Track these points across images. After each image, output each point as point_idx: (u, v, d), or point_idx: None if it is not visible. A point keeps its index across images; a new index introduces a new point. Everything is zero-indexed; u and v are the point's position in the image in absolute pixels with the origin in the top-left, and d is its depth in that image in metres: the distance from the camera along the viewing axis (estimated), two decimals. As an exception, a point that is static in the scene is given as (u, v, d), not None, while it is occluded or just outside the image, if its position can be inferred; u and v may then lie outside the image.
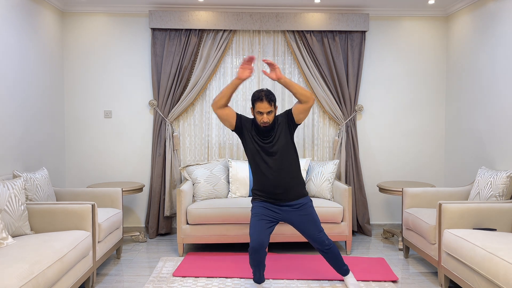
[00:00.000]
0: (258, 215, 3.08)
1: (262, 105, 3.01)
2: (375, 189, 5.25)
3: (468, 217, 3.37)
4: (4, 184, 3.07)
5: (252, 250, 2.97)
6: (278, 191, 3.08)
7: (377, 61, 5.18)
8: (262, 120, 3.03)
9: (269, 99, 3.01)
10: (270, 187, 3.08)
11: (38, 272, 2.47)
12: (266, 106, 3.00)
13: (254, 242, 2.96)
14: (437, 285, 3.49)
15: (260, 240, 2.96)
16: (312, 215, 3.12)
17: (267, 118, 3.02)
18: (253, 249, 2.97)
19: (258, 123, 3.07)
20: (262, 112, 3.02)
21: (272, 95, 3.04)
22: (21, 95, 4.01)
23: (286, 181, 3.08)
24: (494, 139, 4.21)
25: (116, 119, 5.07)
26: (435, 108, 5.22)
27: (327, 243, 3.11)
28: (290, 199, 3.10)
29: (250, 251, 2.99)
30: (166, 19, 4.81)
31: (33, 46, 4.26)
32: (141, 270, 3.82)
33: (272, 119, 3.06)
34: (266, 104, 3.00)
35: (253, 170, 3.16)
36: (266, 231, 3.03)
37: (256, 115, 3.07)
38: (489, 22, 4.29)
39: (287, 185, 3.08)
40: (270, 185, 3.08)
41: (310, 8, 4.94)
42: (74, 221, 3.34)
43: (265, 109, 3.01)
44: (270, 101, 3.01)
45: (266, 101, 3.00)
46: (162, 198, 4.91)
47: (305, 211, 3.10)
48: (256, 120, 3.09)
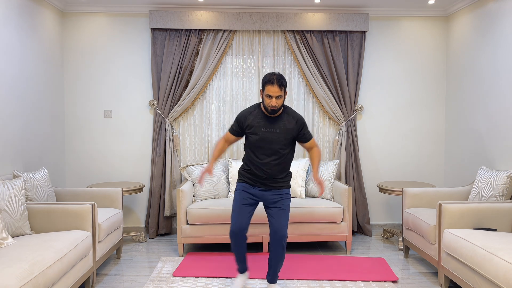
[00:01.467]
0: (240, 199, 3.14)
1: (272, 89, 2.97)
2: (375, 189, 5.25)
3: (468, 217, 3.37)
4: (4, 184, 3.07)
5: (233, 233, 3.07)
6: (265, 176, 3.13)
7: (377, 61, 5.18)
8: (271, 103, 3.00)
9: (280, 83, 2.98)
10: (260, 171, 3.12)
11: (38, 272, 2.47)
12: (276, 90, 2.97)
13: (234, 226, 3.07)
14: (437, 285, 3.49)
15: (240, 224, 3.06)
16: (287, 207, 3.15)
17: (275, 102, 3.00)
18: (234, 232, 3.06)
19: (266, 106, 3.04)
20: (271, 95, 2.99)
21: (283, 79, 3.01)
22: (21, 95, 4.01)
23: (277, 170, 3.12)
24: (494, 139, 4.21)
25: (116, 119, 5.07)
26: (435, 108, 5.22)
27: (285, 240, 3.08)
28: (273, 188, 3.16)
29: (231, 234, 3.08)
30: (166, 19, 4.81)
31: (33, 46, 4.26)
32: (141, 270, 3.82)
33: (280, 104, 3.03)
34: (277, 88, 2.97)
35: (248, 151, 3.17)
36: (247, 215, 3.11)
37: (265, 98, 3.03)
38: (489, 22, 4.29)
39: (275, 174, 3.13)
40: (261, 170, 3.12)
41: (310, 8, 4.94)
42: (74, 221, 3.34)
43: (275, 93, 2.98)
44: (281, 86, 2.99)
45: (277, 85, 2.97)
46: (162, 198, 4.91)
47: (284, 202, 3.15)
48: (264, 103, 3.05)
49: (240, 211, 3.10)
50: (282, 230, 3.05)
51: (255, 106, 3.18)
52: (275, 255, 3.08)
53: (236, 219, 3.08)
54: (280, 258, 3.09)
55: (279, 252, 3.07)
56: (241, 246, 3.11)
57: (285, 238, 3.06)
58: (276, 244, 3.05)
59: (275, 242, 3.05)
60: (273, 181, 3.14)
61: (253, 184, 3.17)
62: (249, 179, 3.18)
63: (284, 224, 3.08)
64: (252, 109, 3.17)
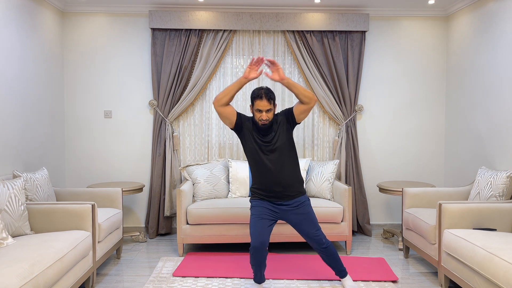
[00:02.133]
0: (258, 214, 3.08)
1: (261, 103, 3.00)
2: (375, 189, 5.25)
3: (468, 217, 3.37)
4: (4, 184, 3.07)
5: (254, 249, 2.98)
6: (277, 189, 3.08)
7: (377, 61, 5.18)
8: (261, 118, 3.02)
9: (269, 97, 3.00)
10: (269, 185, 3.08)
11: (38, 272, 2.47)
12: (265, 104, 2.99)
13: (255, 241, 2.97)
14: (437, 285, 3.49)
15: (261, 239, 2.97)
16: (310, 214, 3.12)
17: (266, 116, 3.01)
18: (255, 248, 2.97)
19: (257, 121, 3.07)
20: (261, 110, 3.01)
21: (271, 93, 3.04)
22: (21, 95, 4.01)
23: (285, 179, 3.08)
24: (494, 139, 4.21)
25: (116, 119, 5.07)
26: (435, 108, 5.22)
27: (324, 241, 3.12)
28: (288, 197, 3.10)
29: (252, 251, 2.99)
30: (166, 19, 4.81)
31: (33, 46, 4.26)
32: (141, 270, 3.82)
33: (271, 117, 3.05)
34: (266, 102, 2.99)
35: (252, 168, 3.15)
36: (266, 229, 3.03)
37: (255, 113, 3.06)
38: (489, 22, 4.29)
39: (286, 183, 3.08)
40: (269, 183, 3.08)
41: (310, 8, 4.94)
42: (74, 221, 3.34)
43: (264, 107, 3.00)
44: (270, 99, 3.01)
45: (266, 99, 2.99)
46: (162, 198, 4.91)
47: (303, 210, 3.11)
48: (255, 118, 3.08)
49: (258, 226, 3.03)
50: (317, 238, 3.09)
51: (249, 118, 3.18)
52: (326, 257, 3.16)
53: (257, 233, 3.00)
54: (332, 256, 3.16)
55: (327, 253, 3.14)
56: (261, 261, 3.04)
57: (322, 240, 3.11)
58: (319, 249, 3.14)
59: (319, 250, 3.14)
60: (285, 189, 3.09)
61: (267, 199, 3.12)
62: (262, 195, 3.14)
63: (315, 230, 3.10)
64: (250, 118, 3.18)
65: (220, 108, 3.07)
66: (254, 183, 3.19)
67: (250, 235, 3.02)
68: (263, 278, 3.18)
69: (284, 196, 3.09)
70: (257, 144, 3.09)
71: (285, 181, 3.08)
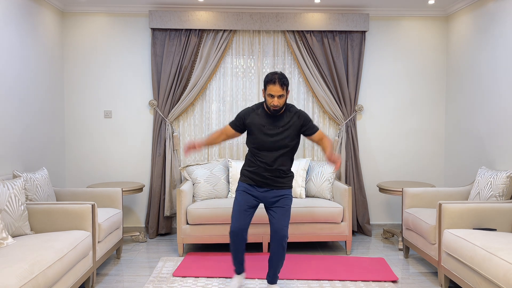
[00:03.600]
0: (241, 200, 3.13)
1: (274, 88, 2.97)
2: (375, 189, 5.25)
3: (468, 217, 3.37)
4: (4, 184, 3.07)
5: (233, 233, 3.06)
6: (269, 176, 3.11)
7: (377, 61, 5.18)
8: (273, 103, 3.00)
9: (282, 83, 2.97)
10: (262, 170, 3.11)
11: (38, 272, 2.47)
12: (278, 89, 2.96)
13: (234, 226, 3.06)
14: (437, 285, 3.49)
15: (240, 224, 3.06)
16: (288, 208, 3.14)
17: (277, 102, 2.99)
18: (233, 233, 3.06)
19: (268, 106, 3.04)
20: (273, 95, 2.98)
21: (285, 78, 3.00)
22: (21, 95, 4.01)
23: (278, 170, 3.11)
24: (494, 139, 4.21)
25: (116, 119, 5.07)
26: (435, 108, 5.22)
27: (285, 240, 3.08)
28: (277, 187, 3.14)
29: (231, 235, 3.07)
30: (166, 19, 4.81)
31: (33, 46, 4.26)
32: (141, 270, 3.82)
33: (282, 103, 3.02)
34: (279, 87, 2.96)
35: (251, 150, 3.16)
36: (247, 216, 3.11)
37: (267, 97, 3.03)
38: (489, 22, 4.29)
39: (278, 174, 3.12)
40: (262, 168, 3.10)
41: (310, 8, 4.94)
42: (74, 221, 3.34)
43: (277, 92, 2.97)
44: (283, 85, 2.98)
45: (279, 84, 2.96)
46: (162, 198, 4.91)
47: (284, 202, 3.13)
48: (266, 102, 3.05)
49: (240, 212, 3.10)
50: (282, 230, 3.04)
51: (258, 105, 3.18)
52: (275, 256, 3.07)
53: (237, 219, 3.08)
54: (280, 259, 3.08)
55: (279, 252, 3.06)
56: (240, 247, 3.11)
57: (286, 238, 3.05)
58: (277, 245, 3.04)
59: (276, 242, 3.04)
60: (275, 179, 3.12)
61: (255, 184, 3.15)
62: (251, 178, 3.16)
63: (285, 224, 3.07)
64: (255, 107, 3.17)
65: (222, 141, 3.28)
66: (247, 164, 3.20)
67: (231, 219, 3.12)
68: (243, 268, 3.24)
69: (272, 184, 3.13)
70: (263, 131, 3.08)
71: (279, 172, 3.11)
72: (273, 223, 3.08)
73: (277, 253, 3.06)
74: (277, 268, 3.13)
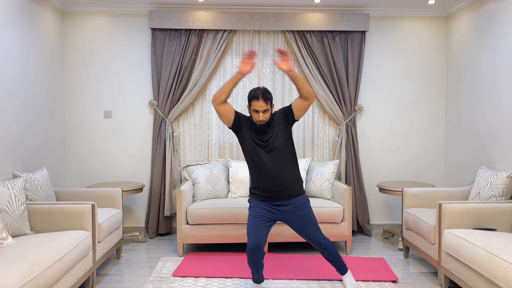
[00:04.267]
0: (255, 215, 3.07)
1: (258, 104, 2.98)
2: (375, 189, 5.25)
3: (468, 217, 3.37)
4: (4, 184, 3.07)
5: (249, 250, 2.97)
6: (275, 189, 3.05)
7: (377, 61, 5.18)
8: (258, 118, 3.01)
9: (265, 98, 2.98)
10: (268, 184, 3.06)
11: (38, 272, 2.47)
12: (262, 105, 2.98)
13: (251, 242, 2.97)
14: (437, 285, 3.49)
15: (257, 240, 2.97)
16: (309, 215, 3.11)
17: (263, 117, 3.00)
18: (250, 249, 2.97)
19: (254, 122, 3.06)
20: (258, 110, 2.99)
21: (268, 93, 3.02)
22: (21, 95, 4.01)
23: (284, 179, 3.06)
24: (494, 139, 4.21)
25: (116, 119, 5.07)
26: (435, 108, 5.22)
27: (323, 242, 3.12)
28: (287, 197, 3.08)
29: (248, 251, 2.99)
30: (166, 19, 4.81)
31: (33, 46, 4.26)
32: (141, 270, 3.82)
33: (268, 117, 3.03)
34: (262, 103, 2.98)
35: (250, 168, 3.13)
36: (263, 231, 3.03)
37: (252, 113, 3.04)
38: (489, 22, 4.29)
39: (285, 183, 3.06)
40: (268, 182, 3.06)
41: (310, 8, 4.94)
42: (74, 221, 3.34)
43: (261, 108, 2.98)
44: (266, 100, 2.99)
45: (262, 99, 2.98)
46: (162, 198, 4.91)
47: (302, 212, 3.09)
48: (252, 118, 3.07)
49: (255, 226, 3.03)
50: (315, 238, 3.11)
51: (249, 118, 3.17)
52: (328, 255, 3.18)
53: (253, 235, 2.99)
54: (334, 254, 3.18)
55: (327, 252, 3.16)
56: (259, 262, 3.04)
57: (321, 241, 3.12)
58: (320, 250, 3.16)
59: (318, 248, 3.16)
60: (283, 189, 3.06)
61: (266, 200, 3.10)
62: (260, 195, 3.12)
63: (312, 231, 3.10)
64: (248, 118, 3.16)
65: (218, 106, 3.07)
66: (252, 183, 3.18)
67: (247, 235, 3.02)
68: (262, 278, 3.17)
69: (282, 196, 3.07)
70: (255, 143, 3.08)
71: (283, 181, 3.06)
72: (305, 236, 3.13)
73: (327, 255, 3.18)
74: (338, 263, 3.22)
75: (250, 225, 3.04)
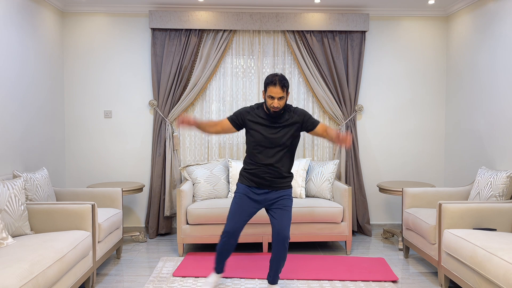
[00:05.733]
0: (240, 204, 3.12)
1: (274, 90, 2.98)
2: (375, 189, 5.25)
3: (468, 217, 3.37)
4: (4, 184, 3.07)
5: (227, 233, 3.06)
6: (269, 177, 3.10)
7: (377, 61, 5.18)
8: (273, 104, 3.00)
9: (282, 85, 2.98)
10: (263, 172, 3.10)
11: (38, 272, 2.47)
12: (278, 91, 2.98)
13: (229, 227, 3.07)
14: (437, 285, 3.49)
15: (236, 225, 3.07)
16: (289, 208, 3.13)
17: (277, 103, 3.00)
18: (228, 233, 3.06)
19: (268, 107, 3.05)
20: (273, 96, 2.99)
21: (286, 81, 3.02)
22: (21, 95, 4.01)
23: (280, 171, 3.11)
24: (494, 139, 4.21)
25: (116, 119, 5.07)
26: (435, 108, 5.22)
27: (287, 241, 3.08)
28: (276, 188, 3.13)
29: (224, 235, 3.07)
30: (166, 19, 4.81)
31: (33, 46, 4.26)
32: (141, 270, 3.82)
33: (282, 105, 3.03)
34: (279, 89, 2.97)
35: (251, 153, 3.14)
36: (243, 220, 3.10)
37: (267, 99, 3.04)
38: (489, 22, 4.29)
39: (280, 174, 3.11)
40: (264, 170, 3.09)
41: (310, 8, 4.94)
42: (74, 221, 3.34)
43: (277, 94, 2.98)
44: (283, 87, 2.99)
45: (279, 86, 2.97)
46: (162, 198, 4.91)
47: (286, 202, 3.12)
48: (266, 104, 3.06)
49: (238, 214, 3.09)
50: (284, 231, 3.04)
51: (257, 105, 3.18)
52: (277, 256, 3.07)
53: (233, 221, 3.08)
54: (282, 259, 3.09)
55: (281, 253, 3.06)
56: (230, 248, 3.12)
57: (288, 239, 3.05)
58: (278, 245, 3.05)
59: (277, 243, 3.04)
60: (275, 180, 3.11)
61: (255, 185, 3.13)
62: (251, 180, 3.14)
63: (286, 225, 3.07)
64: (255, 107, 3.17)
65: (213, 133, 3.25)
66: (246, 165, 3.18)
67: (227, 219, 3.10)
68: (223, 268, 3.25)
69: (273, 186, 3.12)
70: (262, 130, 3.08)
71: (279, 173, 3.10)
72: (274, 225, 3.08)
73: (278, 254, 3.06)
74: (279, 268, 3.13)
75: (232, 211, 3.12)
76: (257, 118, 3.11)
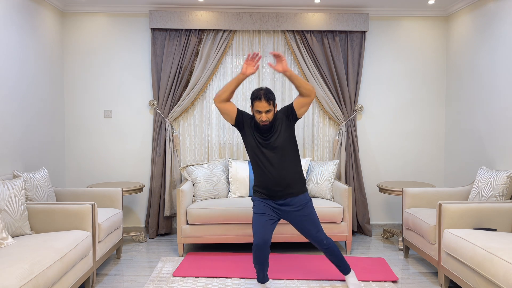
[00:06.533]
0: (260, 212, 3.08)
1: (260, 104, 2.99)
2: (375, 189, 5.25)
3: (468, 217, 3.37)
4: (4, 184, 3.07)
5: (256, 247, 2.97)
6: (277, 188, 3.07)
7: (377, 61, 5.18)
8: (261, 119, 3.02)
9: (268, 98, 2.99)
10: (270, 183, 3.07)
11: (38, 272, 2.47)
12: (264, 105, 2.99)
13: (258, 240, 2.97)
14: (437, 285, 3.49)
15: (264, 237, 2.98)
16: (312, 215, 3.11)
17: (266, 117, 3.01)
18: (257, 246, 2.97)
19: (257, 122, 3.07)
20: (260, 111, 3.01)
21: (271, 94, 3.02)
22: (21, 95, 4.01)
23: (286, 178, 3.07)
24: (494, 139, 4.21)
25: (116, 119, 5.07)
26: (435, 108, 5.22)
27: (325, 242, 3.12)
28: (289, 196, 3.09)
29: (254, 249, 2.99)
30: (166, 19, 4.81)
31: (33, 46, 4.26)
32: (141, 270, 3.82)
33: (271, 118, 3.04)
34: (265, 103, 2.99)
35: (254, 166, 3.14)
36: (269, 228, 3.03)
37: (255, 114, 3.06)
38: (489, 22, 4.29)
39: (287, 182, 3.07)
40: (270, 181, 3.07)
41: (310, 8, 4.94)
42: (74, 221, 3.34)
43: (264, 108, 2.99)
44: (269, 100, 3.00)
45: (265, 100, 2.98)
46: (162, 198, 4.91)
47: (304, 211, 3.10)
48: (255, 118, 3.08)
49: (261, 224, 3.03)
50: (316, 237, 3.10)
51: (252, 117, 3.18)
52: (331, 255, 3.17)
53: (259, 232, 3.00)
54: (335, 255, 3.17)
55: (329, 252, 3.15)
56: (265, 261, 3.05)
57: (323, 240, 3.11)
58: (322, 249, 3.16)
59: (319, 247, 3.15)
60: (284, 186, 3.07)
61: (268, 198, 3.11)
62: (264, 193, 3.13)
63: (315, 231, 3.09)
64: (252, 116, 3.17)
65: (220, 104, 3.12)
66: (255, 181, 3.19)
67: (253, 233, 3.02)
68: (266, 277, 3.17)
69: (284, 195, 3.08)
70: (258, 142, 3.09)
71: (286, 180, 3.07)
72: (307, 236, 3.13)
73: (327, 253, 3.17)
74: (340, 263, 3.20)
75: (255, 223, 3.05)
76: (251, 129, 3.13)
